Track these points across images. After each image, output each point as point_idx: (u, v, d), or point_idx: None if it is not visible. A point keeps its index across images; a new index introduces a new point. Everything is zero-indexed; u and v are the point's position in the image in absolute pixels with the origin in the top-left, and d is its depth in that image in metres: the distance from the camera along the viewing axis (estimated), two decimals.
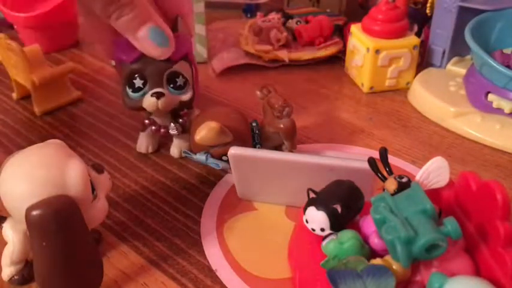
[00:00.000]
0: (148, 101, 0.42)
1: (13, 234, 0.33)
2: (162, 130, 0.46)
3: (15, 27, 0.69)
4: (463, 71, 0.57)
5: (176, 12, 0.43)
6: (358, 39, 0.58)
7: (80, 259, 0.31)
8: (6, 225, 0.33)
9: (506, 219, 0.27)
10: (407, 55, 0.57)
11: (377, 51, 0.56)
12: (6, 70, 0.57)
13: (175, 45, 0.41)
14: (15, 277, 0.34)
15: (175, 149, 0.48)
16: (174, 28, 0.44)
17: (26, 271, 0.35)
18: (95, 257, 0.33)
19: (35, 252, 0.30)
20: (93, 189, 0.32)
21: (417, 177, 0.32)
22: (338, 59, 0.65)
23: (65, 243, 0.30)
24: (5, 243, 0.34)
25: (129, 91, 0.42)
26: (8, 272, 0.34)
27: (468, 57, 0.59)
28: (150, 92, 0.42)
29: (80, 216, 0.30)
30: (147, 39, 0.38)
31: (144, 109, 0.43)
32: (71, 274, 0.31)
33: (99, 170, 0.34)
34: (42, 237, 0.29)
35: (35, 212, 0.28)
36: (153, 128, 0.46)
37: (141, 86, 0.42)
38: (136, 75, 0.42)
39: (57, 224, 0.29)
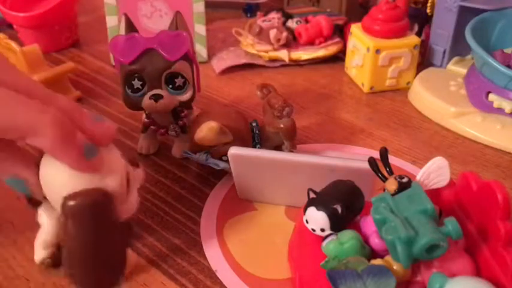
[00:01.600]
0: (147, 103, 0.42)
1: (47, 218, 0.34)
2: (161, 130, 0.46)
3: (14, 27, 0.69)
4: (463, 70, 0.57)
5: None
6: (359, 39, 0.58)
7: (108, 250, 0.32)
8: (42, 210, 0.34)
9: (507, 219, 0.27)
10: (407, 55, 0.57)
11: (377, 51, 0.56)
12: None
13: (174, 45, 0.41)
14: (48, 260, 0.35)
15: (177, 149, 0.48)
16: (173, 26, 0.44)
17: (58, 255, 0.35)
18: (122, 248, 0.34)
19: (66, 239, 0.31)
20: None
21: (418, 177, 0.32)
22: (338, 59, 0.65)
23: (95, 235, 0.30)
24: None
25: (129, 91, 0.42)
26: (41, 254, 0.35)
27: (469, 57, 0.59)
28: (149, 94, 0.42)
29: (114, 210, 0.31)
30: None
31: (144, 109, 0.43)
32: (98, 264, 0.32)
33: (136, 164, 0.35)
34: (76, 226, 0.30)
35: (72, 202, 0.29)
36: (152, 127, 0.46)
37: (140, 87, 0.42)
38: (134, 77, 0.42)
39: (92, 216, 0.30)
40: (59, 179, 0.30)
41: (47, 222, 0.34)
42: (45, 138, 0.28)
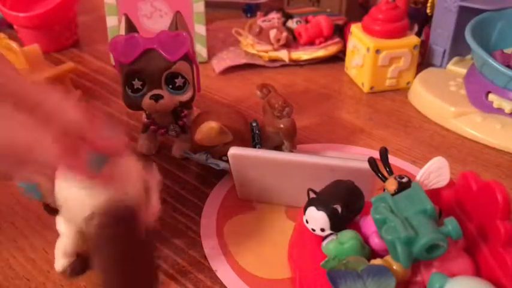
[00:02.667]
0: (147, 103, 0.42)
1: (66, 228, 0.34)
2: (161, 130, 0.46)
3: (14, 27, 0.69)
4: (463, 71, 0.57)
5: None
6: (359, 39, 0.58)
7: (137, 263, 0.31)
8: (60, 219, 0.34)
9: (507, 219, 0.27)
10: (407, 55, 0.57)
11: (377, 51, 0.56)
12: None
13: (174, 45, 0.41)
14: (68, 268, 0.36)
15: (177, 149, 0.48)
16: (173, 26, 0.44)
17: (78, 263, 0.36)
18: (152, 261, 0.33)
19: (94, 255, 0.30)
20: None
21: (417, 177, 0.32)
22: (338, 59, 0.65)
23: (122, 250, 0.30)
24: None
25: (129, 91, 0.42)
26: (61, 263, 0.35)
27: (469, 57, 0.59)
28: (149, 95, 0.42)
29: (138, 223, 0.30)
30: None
31: (144, 109, 0.43)
32: (129, 278, 0.31)
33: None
34: (101, 244, 0.29)
35: (94, 222, 0.29)
36: (153, 127, 0.46)
37: (140, 87, 0.42)
38: (135, 77, 0.42)
39: (115, 233, 0.29)
40: (77, 197, 0.30)
41: (66, 232, 0.34)
42: (47, 156, 0.28)
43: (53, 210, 0.35)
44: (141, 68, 0.41)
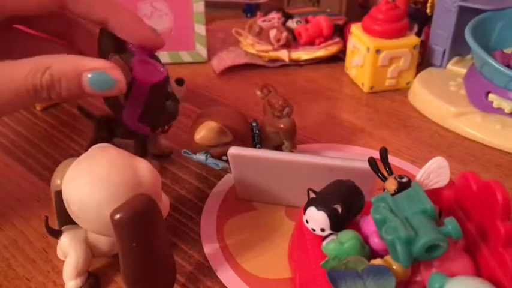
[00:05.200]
0: (181, 92, 0.42)
1: (75, 245, 0.33)
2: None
3: None
4: (463, 70, 0.57)
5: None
6: (358, 39, 0.58)
7: (162, 254, 0.31)
8: (65, 239, 0.34)
9: (507, 219, 0.27)
10: (407, 55, 0.57)
11: (377, 51, 0.56)
12: None
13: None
14: (83, 287, 0.35)
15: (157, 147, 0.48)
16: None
17: (92, 280, 0.35)
18: (171, 252, 0.34)
19: (124, 254, 0.30)
20: None
21: (417, 177, 0.32)
22: (338, 59, 0.65)
23: (152, 240, 0.30)
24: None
25: (169, 103, 0.41)
26: (74, 284, 0.34)
27: (468, 57, 0.59)
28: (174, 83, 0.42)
29: (160, 212, 0.31)
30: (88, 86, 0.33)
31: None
32: (153, 270, 0.31)
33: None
34: (133, 238, 0.29)
35: (122, 215, 0.28)
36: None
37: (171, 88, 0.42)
38: (167, 84, 0.41)
39: (146, 223, 0.29)
40: (96, 197, 0.29)
41: (75, 249, 0.33)
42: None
43: (56, 233, 0.34)
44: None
